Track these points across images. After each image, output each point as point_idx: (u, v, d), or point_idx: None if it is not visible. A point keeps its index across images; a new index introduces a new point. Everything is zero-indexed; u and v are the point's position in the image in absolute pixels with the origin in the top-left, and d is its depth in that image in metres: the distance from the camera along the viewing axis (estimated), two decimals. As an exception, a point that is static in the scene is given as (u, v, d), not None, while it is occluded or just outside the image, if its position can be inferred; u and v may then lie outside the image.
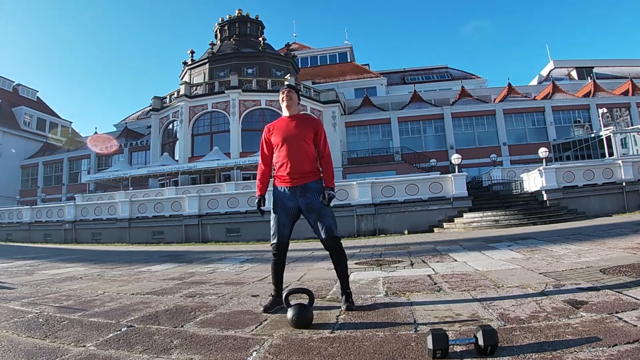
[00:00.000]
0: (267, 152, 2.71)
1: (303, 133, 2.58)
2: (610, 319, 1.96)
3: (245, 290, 3.46)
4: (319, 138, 2.64)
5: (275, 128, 2.66)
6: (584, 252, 4.54)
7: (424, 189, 13.79)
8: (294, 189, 2.56)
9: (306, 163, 2.57)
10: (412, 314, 2.33)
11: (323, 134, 2.68)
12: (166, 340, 2.00)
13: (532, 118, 25.09)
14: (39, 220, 18.21)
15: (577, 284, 2.86)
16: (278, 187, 2.62)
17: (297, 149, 2.56)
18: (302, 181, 2.56)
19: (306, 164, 2.57)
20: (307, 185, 2.56)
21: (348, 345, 1.82)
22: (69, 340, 2.03)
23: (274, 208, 2.61)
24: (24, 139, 33.00)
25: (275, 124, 2.70)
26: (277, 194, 2.61)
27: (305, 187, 2.56)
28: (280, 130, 2.63)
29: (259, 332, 2.09)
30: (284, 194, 2.58)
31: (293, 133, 2.58)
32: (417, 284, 3.34)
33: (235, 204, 14.94)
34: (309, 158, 2.59)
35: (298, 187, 2.56)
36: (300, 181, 2.56)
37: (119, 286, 3.96)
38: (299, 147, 2.56)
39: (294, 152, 2.55)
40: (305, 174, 2.57)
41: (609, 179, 13.21)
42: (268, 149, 2.70)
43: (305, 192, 2.56)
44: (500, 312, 2.23)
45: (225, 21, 28.41)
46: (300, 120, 2.64)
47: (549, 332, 1.82)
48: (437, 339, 1.57)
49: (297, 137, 2.57)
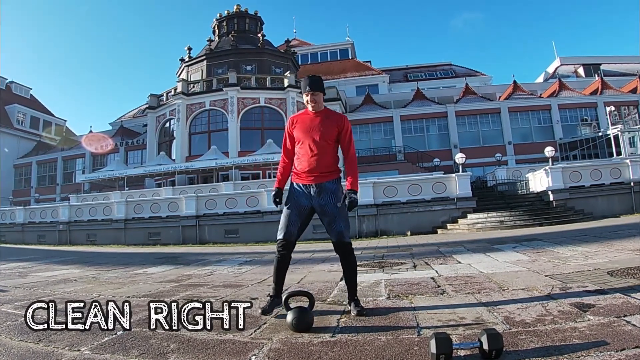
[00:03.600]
0: (289, 145, 2.67)
1: (326, 130, 2.53)
2: (618, 322, 1.96)
3: (243, 293, 3.46)
4: (344, 136, 2.59)
5: (299, 122, 2.61)
6: (591, 254, 4.54)
7: (427, 189, 13.79)
8: (310, 187, 2.54)
9: (324, 162, 2.53)
10: (415, 317, 2.33)
11: (349, 132, 2.62)
12: (162, 344, 2.00)
13: (538, 116, 25.07)
14: (33, 221, 18.24)
15: (584, 286, 2.85)
16: (294, 184, 2.60)
17: (317, 146, 2.52)
18: (318, 180, 2.53)
19: (324, 163, 2.53)
20: (324, 185, 2.53)
21: (349, 349, 1.81)
22: (63, 344, 2.03)
23: (287, 203, 2.59)
24: (17, 138, 33.02)
25: (300, 117, 2.65)
26: (293, 190, 2.60)
27: (321, 187, 2.53)
28: (304, 125, 2.58)
29: (258, 336, 2.09)
30: (298, 191, 2.57)
31: (315, 130, 2.53)
32: (420, 286, 3.34)
33: (234, 204, 14.95)
34: (328, 156, 2.55)
35: (314, 186, 2.53)
36: (316, 180, 2.53)
37: (115, 289, 3.96)
38: (319, 144, 2.52)
39: (313, 150, 2.52)
40: (322, 173, 2.53)
41: (617, 179, 13.20)
42: (290, 142, 2.66)
43: (321, 192, 2.53)
44: (505, 316, 2.23)
45: (223, 17, 28.42)
46: (325, 117, 2.58)
47: (555, 336, 1.82)
48: (440, 343, 1.57)
49: (318, 134, 2.52)
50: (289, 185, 2.67)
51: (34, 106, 36.81)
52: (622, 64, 33.00)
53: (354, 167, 2.59)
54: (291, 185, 2.64)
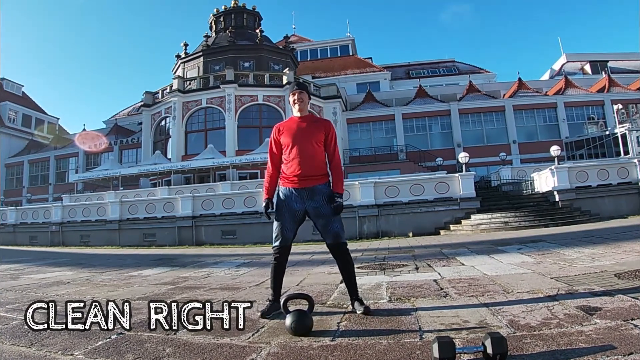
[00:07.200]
0: (276, 152, 2.73)
1: (314, 134, 2.63)
2: (625, 326, 1.96)
3: (241, 295, 3.47)
4: (329, 141, 2.69)
5: (285, 128, 2.69)
6: (597, 256, 4.54)
7: (429, 189, 13.80)
8: (302, 190, 2.60)
9: (316, 165, 2.62)
10: (417, 320, 2.33)
11: (334, 137, 2.73)
12: (158, 348, 2.01)
13: (543, 114, 25.10)
14: (24, 221, 18.23)
15: (591, 289, 2.86)
16: (285, 189, 2.65)
17: (307, 150, 2.60)
18: (310, 183, 2.60)
19: (316, 166, 2.62)
20: (316, 188, 2.60)
21: (350, 353, 1.82)
22: (56, 349, 2.03)
23: (278, 210, 2.64)
24: (9, 136, 32.99)
25: (285, 124, 2.74)
26: (284, 196, 2.64)
27: (313, 190, 2.60)
28: (291, 130, 2.66)
29: (256, 340, 2.09)
30: (290, 196, 2.61)
31: (304, 134, 2.62)
32: (423, 289, 3.34)
33: (231, 204, 14.96)
34: (318, 160, 2.64)
35: (306, 189, 2.59)
36: (308, 183, 2.59)
37: (109, 291, 3.97)
38: (309, 148, 2.60)
39: (304, 153, 2.59)
40: (314, 176, 2.61)
41: (624, 178, 13.22)
42: (277, 149, 2.72)
43: (313, 195, 2.59)
44: (509, 319, 2.23)
45: (220, 12, 28.42)
46: (311, 121, 2.70)
47: (561, 340, 1.82)
48: (443, 347, 1.57)
49: (307, 138, 2.61)
50: (278, 191, 2.71)
51: (26, 104, 36.80)
52: (630, 60, 32.97)
53: (339, 171, 2.70)
54: (281, 190, 2.68)
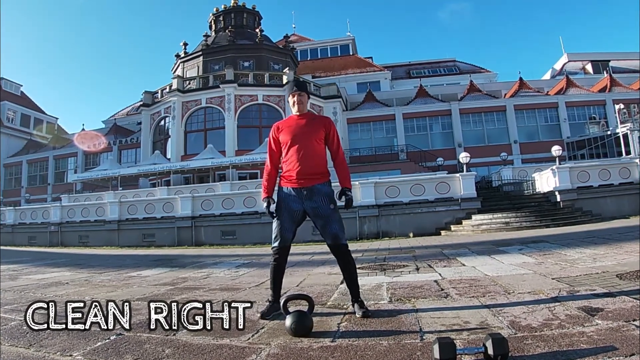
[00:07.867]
0: (275, 150, 2.71)
1: (314, 132, 2.61)
2: (627, 327, 1.96)
3: (241, 296, 3.46)
4: (331, 138, 2.68)
5: (285, 126, 2.68)
6: (599, 256, 4.54)
7: (430, 190, 13.80)
8: (301, 190, 2.57)
9: (316, 163, 2.59)
10: (418, 321, 2.33)
11: (336, 133, 2.71)
12: (157, 349, 2.00)
13: (544, 114, 25.10)
14: (23, 222, 18.24)
15: (592, 290, 2.86)
16: (284, 188, 2.63)
17: (306, 148, 2.57)
18: (310, 182, 2.57)
19: (315, 165, 2.59)
20: (315, 188, 2.57)
21: (350, 354, 1.82)
22: (55, 350, 2.03)
23: (277, 210, 2.62)
24: (7, 136, 33.02)
25: (284, 122, 2.73)
26: (283, 195, 2.62)
27: (312, 190, 2.57)
28: (290, 128, 2.64)
29: (256, 341, 2.09)
30: (289, 196, 2.59)
31: (303, 132, 2.60)
32: (423, 289, 3.34)
33: (231, 205, 14.96)
34: (319, 158, 2.61)
35: (305, 189, 2.57)
36: (308, 182, 2.57)
37: (108, 292, 3.97)
38: (309, 146, 2.58)
39: (303, 152, 2.57)
40: (314, 175, 2.58)
41: (626, 179, 13.21)
42: (276, 147, 2.71)
43: (312, 194, 2.56)
44: (511, 320, 2.23)
45: (220, 11, 28.44)
46: (310, 119, 2.68)
47: (563, 341, 1.82)
48: (444, 348, 1.57)
49: (307, 136, 2.59)
50: (277, 191, 2.70)
51: (25, 103, 36.84)
52: (632, 60, 32.96)
53: (344, 167, 2.67)
54: (280, 190, 2.67)
